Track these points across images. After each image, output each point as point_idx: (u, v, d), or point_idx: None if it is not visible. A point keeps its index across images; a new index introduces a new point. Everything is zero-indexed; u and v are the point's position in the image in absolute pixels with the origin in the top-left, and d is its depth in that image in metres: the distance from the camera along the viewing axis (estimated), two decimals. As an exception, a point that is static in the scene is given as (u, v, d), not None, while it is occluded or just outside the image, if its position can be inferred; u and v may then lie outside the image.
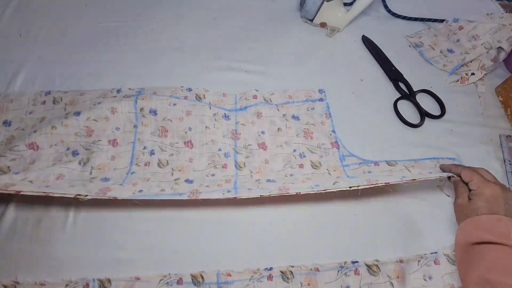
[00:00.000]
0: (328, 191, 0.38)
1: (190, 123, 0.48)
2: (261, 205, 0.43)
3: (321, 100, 0.53)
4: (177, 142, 0.46)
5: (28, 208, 0.41)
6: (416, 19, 0.65)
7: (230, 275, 0.38)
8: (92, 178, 0.42)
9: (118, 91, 0.50)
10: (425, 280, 0.39)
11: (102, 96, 0.49)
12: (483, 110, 0.54)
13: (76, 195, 0.35)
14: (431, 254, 0.41)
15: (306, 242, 0.42)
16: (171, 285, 0.37)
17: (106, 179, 0.42)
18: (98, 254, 0.39)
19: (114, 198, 0.36)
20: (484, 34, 0.58)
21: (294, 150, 0.47)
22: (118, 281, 0.37)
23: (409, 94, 0.55)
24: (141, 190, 0.38)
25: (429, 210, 0.45)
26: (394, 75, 0.57)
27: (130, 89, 0.50)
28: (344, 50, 0.60)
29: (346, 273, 0.39)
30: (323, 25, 0.62)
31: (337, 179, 0.42)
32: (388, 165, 0.46)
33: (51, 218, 0.40)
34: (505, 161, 0.49)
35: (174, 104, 0.49)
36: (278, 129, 0.49)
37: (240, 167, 0.45)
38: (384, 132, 0.51)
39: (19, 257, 0.38)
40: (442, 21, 0.64)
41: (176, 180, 0.43)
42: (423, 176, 0.39)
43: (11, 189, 0.35)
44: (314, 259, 0.40)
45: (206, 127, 0.48)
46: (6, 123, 0.46)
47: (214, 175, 0.44)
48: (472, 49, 0.58)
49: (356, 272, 0.39)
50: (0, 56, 0.54)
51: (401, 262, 0.40)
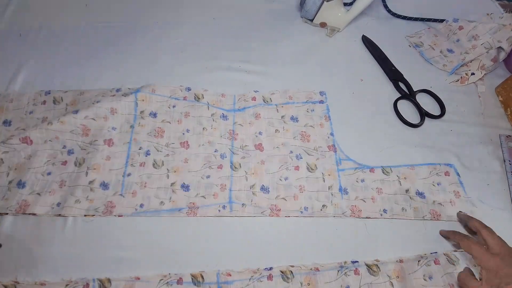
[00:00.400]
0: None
1: (188, 125, 0.48)
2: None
3: (321, 102, 0.53)
4: (173, 143, 0.47)
5: (28, 208, 0.41)
6: (416, 19, 0.65)
7: (230, 275, 0.38)
8: (90, 181, 0.42)
9: (118, 91, 0.50)
10: (425, 280, 0.39)
11: (101, 94, 0.49)
12: (483, 110, 0.54)
13: (84, 215, 0.40)
14: (431, 254, 0.41)
15: (306, 242, 0.42)
16: (171, 285, 0.37)
17: (105, 185, 0.42)
18: (98, 254, 0.39)
19: (119, 216, 0.41)
20: (484, 34, 0.58)
21: (291, 152, 0.47)
22: (118, 281, 0.37)
23: (409, 94, 0.55)
24: (142, 205, 0.42)
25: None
26: (394, 75, 0.57)
27: (129, 88, 0.50)
28: (344, 50, 0.60)
29: (346, 272, 0.39)
30: (323, 25, 0.62)
31: (326, 197, 0.44)
32: (382, 173, 0.46)
33: (51, 218, 0.40)
34: (505, 161, 0.49)
35: (174, 106, 0.49)
36: (276, 130, 0.49)
37: (235, 168, 0.45)
38: (384, 132, 0.51)
39: (19, 257, 0.38)
40: (442, 21, 0.64)
41: (172, 184, 0.43)
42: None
43: (28, 211, 0.40)
44: (314, 259, 0.40)
45: (203, 129, 0.48)
46: (6, 123, 0.46)
47: (209, 177, 0.44)
48: (472, 49, 0.58)
49: (356, 272, 0.39)
50: (0, 56, 0.54)
51: (401, 262, 0.40)
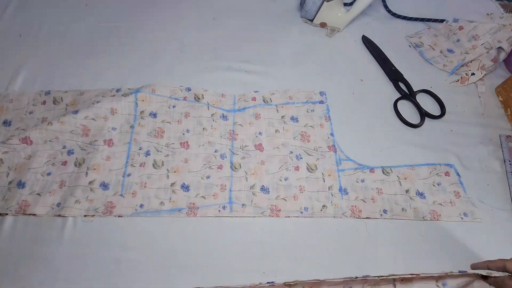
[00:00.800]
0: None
1: (188, 125, 0.48)
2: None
3: (321, 102, 0.53)
4: (173, 143, 0.47)
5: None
6: (416, 19, 0.65)
7: None
8: (90, 182, 0.42)
9: (118, 91, 0.50)
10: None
11: (101, 95, 0.49)
12: (483, 110, 0.54)
13: (84, 216, 0.40)
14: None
15: (306, 242, 0.41)
16: None
17: (105, 186, 0.42)
18: (98, 254, 0.39)
19: (119, 216, 0.41)
20: (484, 34, 0.58)
21: (291, 152, 0.47)
22: None
23: (409, 94, 0.55)
24: (142, 205, 0.42)
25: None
26: (394, 75, 0.57)
27: (129, 89, 0.50)
28: (344, 50, 0.60)
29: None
30: (323, 25, 0.62)
31: (326, 198, 0.44)
32: (382, 173, 0.46)
33: (51, 219, 0.40)
34: (505, 161, 0.49)
35: (174, 106, 0.49)
36: (276, 130, 0.49)
37: (235, 168, 0.45)
38: (384, 132, 0.51)
39: (19, 257, 0.38)
40: (442, 21, 0.64)
41: (172, 184, 0.43)
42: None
43: (28, 211, 0.40)
44: (314, 259, 0.40)
45: (203, 129, 0.48)
46: (6, 123, 0.46)
47: (209, 177, 0.44)
48: (472, 49, 0.58)
49: None
50: (0, 56, 0.54)
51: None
